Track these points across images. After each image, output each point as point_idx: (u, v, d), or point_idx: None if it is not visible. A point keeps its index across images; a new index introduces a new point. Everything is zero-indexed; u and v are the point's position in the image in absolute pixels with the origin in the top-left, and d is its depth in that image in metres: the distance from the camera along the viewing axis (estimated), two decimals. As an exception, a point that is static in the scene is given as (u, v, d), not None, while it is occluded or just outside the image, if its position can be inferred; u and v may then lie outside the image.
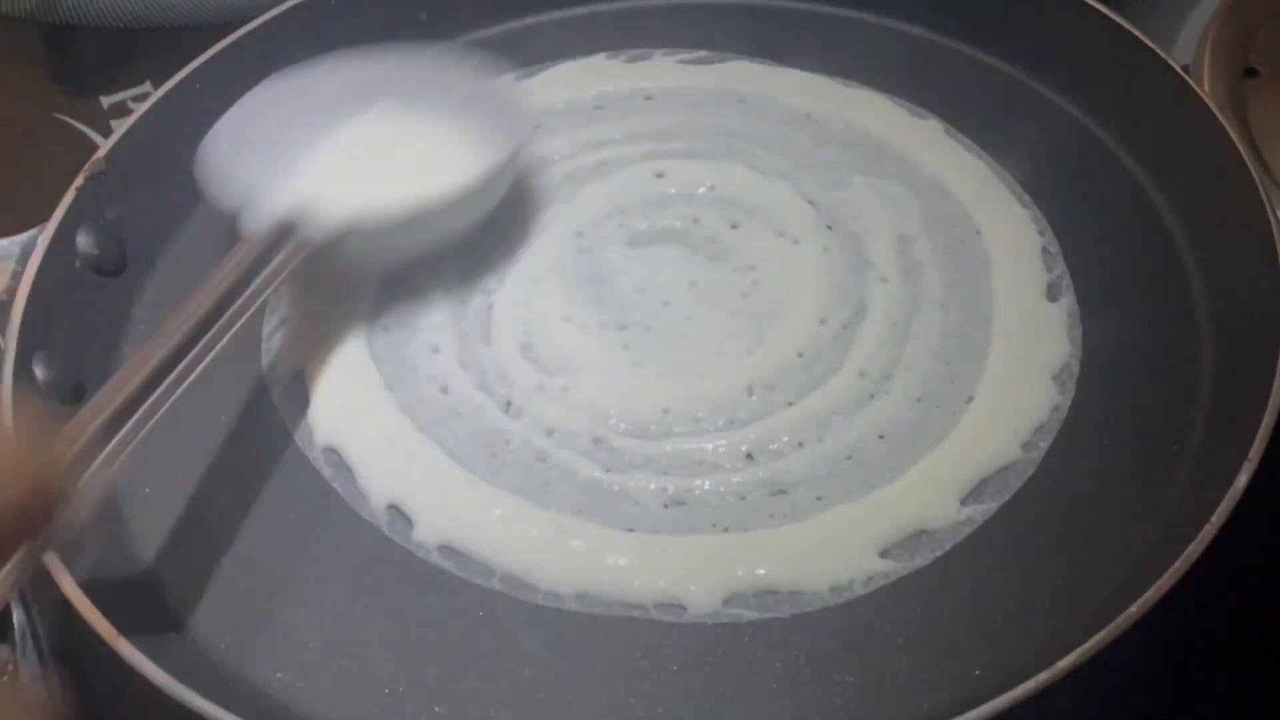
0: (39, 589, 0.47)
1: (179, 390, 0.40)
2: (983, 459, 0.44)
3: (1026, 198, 0.53)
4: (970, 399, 0.46)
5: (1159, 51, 0.52)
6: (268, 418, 0.48)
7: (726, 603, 0.42)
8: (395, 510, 0.45)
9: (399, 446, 0.46)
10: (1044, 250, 0.51)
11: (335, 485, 0.46)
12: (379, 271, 0.51)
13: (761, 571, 0.42)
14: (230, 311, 0.42)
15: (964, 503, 0.43)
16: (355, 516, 0.45)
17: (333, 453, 0.47)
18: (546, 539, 0.43)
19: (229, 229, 0.54)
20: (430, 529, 0.44)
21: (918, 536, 0.43)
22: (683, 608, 0.42)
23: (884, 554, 0.42)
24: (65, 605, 0.40)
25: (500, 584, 0.43)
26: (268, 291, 0.44)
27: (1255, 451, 0.39)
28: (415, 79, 0.53)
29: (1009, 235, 0.51)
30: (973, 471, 0.44)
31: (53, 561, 0.40)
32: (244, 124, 0.50)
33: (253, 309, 0.43)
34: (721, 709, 0.39)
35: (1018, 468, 0.44)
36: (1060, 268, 0.50)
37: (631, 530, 0.43)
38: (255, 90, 0.51)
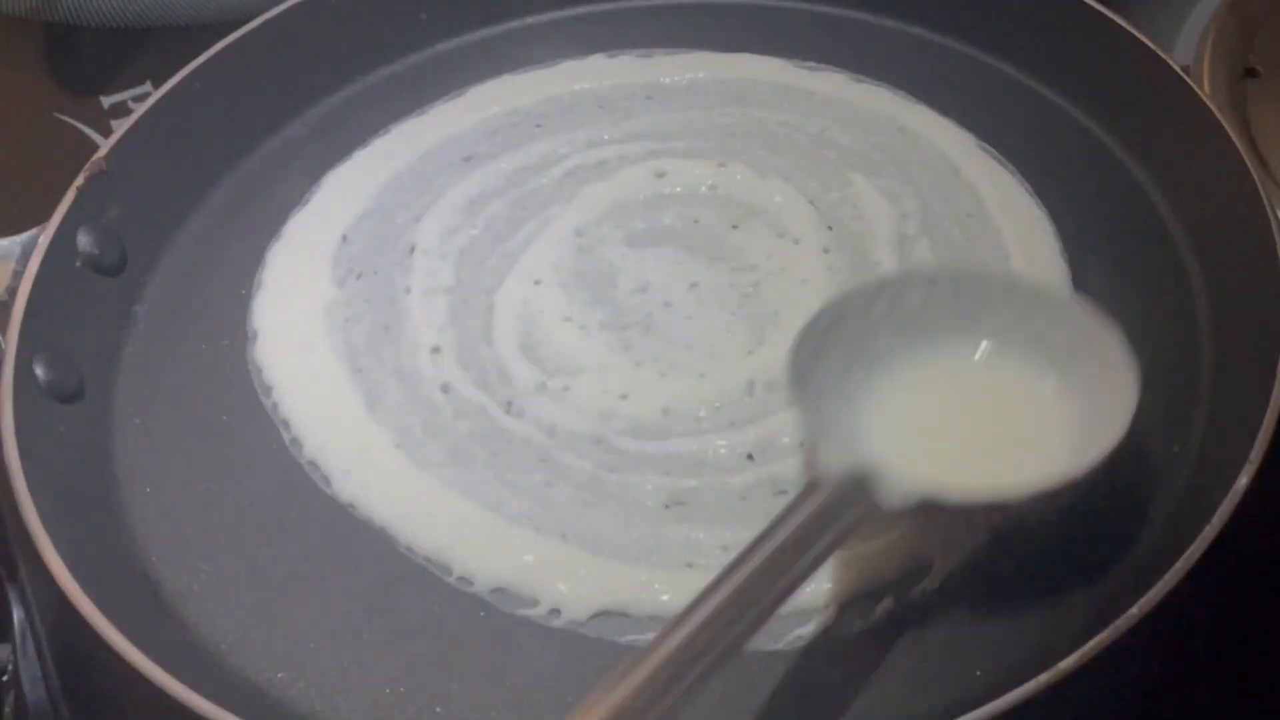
0: (39, 589, 0.47)
1: (729, 643, 0.35)
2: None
3: (1037, 198, 0.53)
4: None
5: (1159, 51, 0.52)
6: (267, 418, 0.48)
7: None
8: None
9: (382, 463, 0.46)
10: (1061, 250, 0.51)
11: (335, 485, 0.46)
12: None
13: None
14: (789, 558, 0.36)
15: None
16: (356, 517, 0.45)
17: (315, 466, 0.47)
18: (545, 543, 0.43)
19: (229, 228, 0.55)
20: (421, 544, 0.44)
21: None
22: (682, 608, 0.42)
23: (884, 553, 0.42)
24: (65, 605, 0.40)
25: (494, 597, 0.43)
26: (820, 551, 0.37)
27: (1256, 452, 0.39)
28: (1007, 318, 0.43)
29: (1025, 233, 0.51)
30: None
31: (53, 561, 0.40)
32: (821, 337, 0.42)
33: (810, 570, 0.36)
34: (721, 709, 0.39)
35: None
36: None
37: (632, 531, 0.43)
38: (837, 299, 0.43)
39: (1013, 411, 0.42)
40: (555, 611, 0.42)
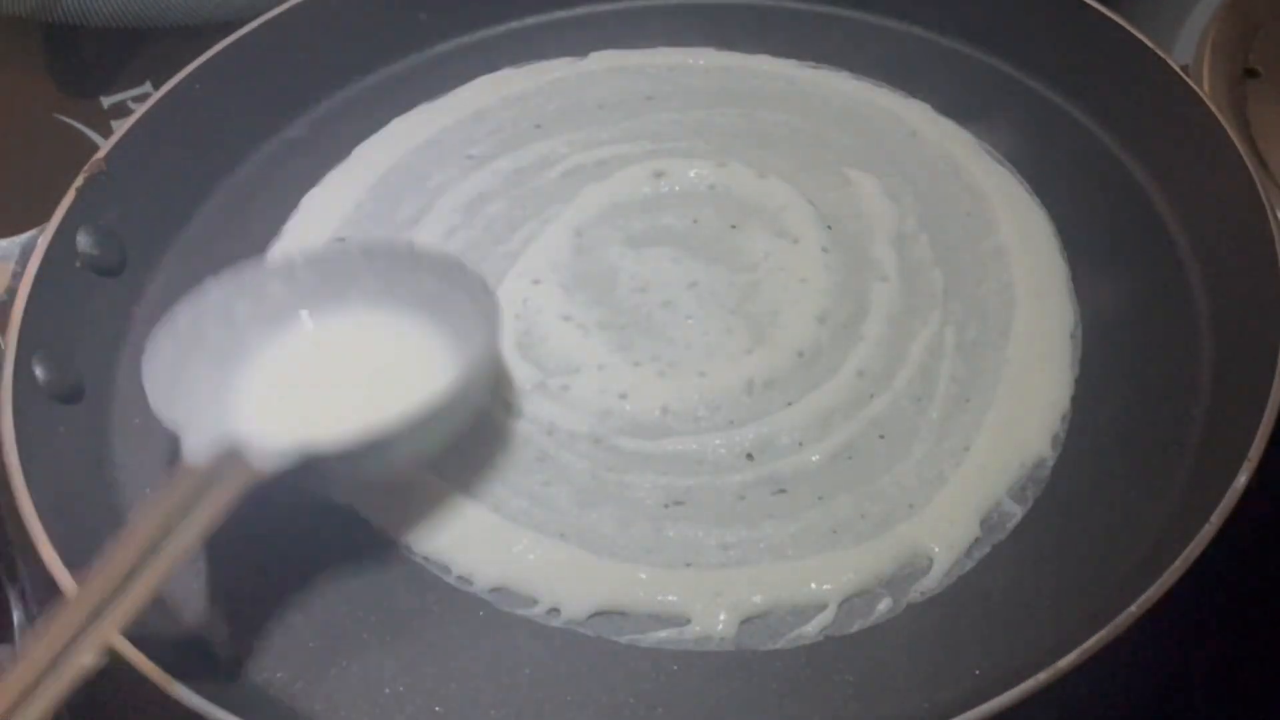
0: (39, 589, 0.47)
1: (116, 628, 0.36)
2: (983, 462, 0.44)
3: (1037, 198, 0.53)
4: (969, 399, 0.46)
5: (1159, 51, 0.52)
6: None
7: (724, 601, 0.41)
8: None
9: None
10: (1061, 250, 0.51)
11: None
12: (341, 495, 0.45)
13: (761, 571, 0.42)
14: (168, 548, 0.37)
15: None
16: (355, 516, 0.45)
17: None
18: (544, 542, 0.43)
19: (228, 230, 0.55)
20: (423, 547, 0.44)
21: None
22: (682, 606, 0.42)
23: (884, 554, 0.42)
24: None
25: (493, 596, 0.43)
26: (209, 527, 0.38)
27: (1255, 451, 0.39)
28: (374, 282, 0.47)
29: (1025, 232, 0.51)
30: (974, 474, 0.44)
31: (53, 562, 0.40)
32: (187, 333, 0.44)
33: (192, 546, 0.37)
34: (722, 709, 0.39)
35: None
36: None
37: (631, 530, 0.43)
38: (193, 297, 0.45)
39: (388, 359, 0.45)
40: (554, 611, 0.42)
